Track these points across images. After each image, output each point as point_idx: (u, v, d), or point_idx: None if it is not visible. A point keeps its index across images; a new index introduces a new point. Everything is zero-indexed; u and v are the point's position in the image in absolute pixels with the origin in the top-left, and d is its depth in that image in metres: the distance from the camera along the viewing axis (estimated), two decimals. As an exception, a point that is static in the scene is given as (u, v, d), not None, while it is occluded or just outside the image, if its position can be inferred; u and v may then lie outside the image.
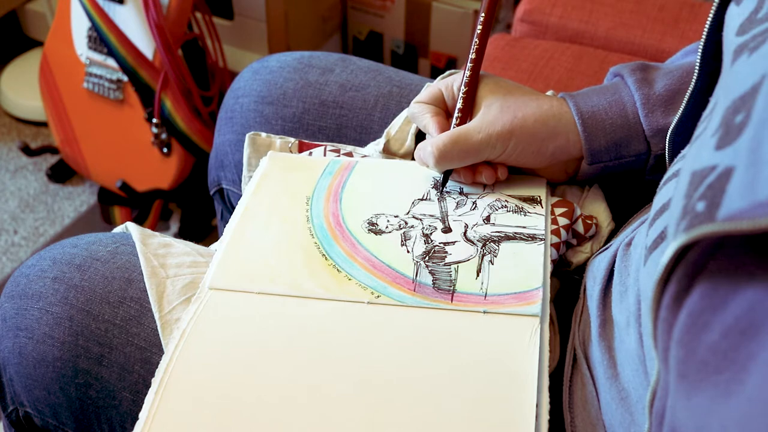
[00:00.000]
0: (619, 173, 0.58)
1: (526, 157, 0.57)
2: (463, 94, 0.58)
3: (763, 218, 0.28)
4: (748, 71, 0.37)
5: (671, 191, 0.43)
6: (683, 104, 0.50)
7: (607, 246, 0.54)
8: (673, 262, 0.33)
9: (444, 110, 0.60)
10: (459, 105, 0.58)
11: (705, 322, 0.31)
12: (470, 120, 0.58)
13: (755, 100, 0.34)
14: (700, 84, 0.49)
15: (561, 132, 0.56)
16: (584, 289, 0.53)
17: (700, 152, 0.36)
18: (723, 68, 0.43)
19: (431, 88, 0.61)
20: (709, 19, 0.47)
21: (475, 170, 0.59)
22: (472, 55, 0.59)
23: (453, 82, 0.60)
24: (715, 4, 0.46)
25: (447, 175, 0.59)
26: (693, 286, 0.33)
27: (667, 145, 0.53)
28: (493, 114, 0.56)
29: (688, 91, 0.50)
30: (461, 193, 0.59)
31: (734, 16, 0.43)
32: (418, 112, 0.60)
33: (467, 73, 0.59)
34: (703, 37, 0.48)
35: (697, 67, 0.49)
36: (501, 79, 0.60)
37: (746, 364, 0.29)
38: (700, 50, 0.48)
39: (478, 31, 0.60)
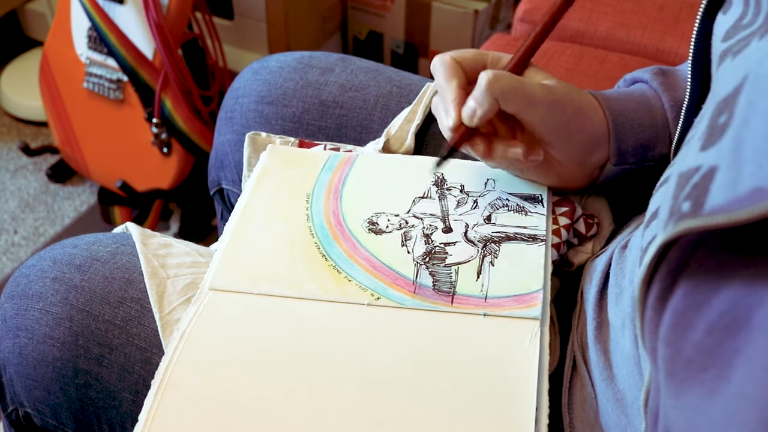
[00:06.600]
0: (623, 178, 0.58)
1: (571, 138, 0.53)
2: (518, 55, 0.54)
3: (737, 212, 0.28)
4: (731, 74, 0.37)
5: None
6: (681, 117, 0.50)
7: (604, 249, 0.54)
8: (656, 261, 0.34)
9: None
10: (512, 62, 0.54)
11: (689, 321, 0.32)
12: None
13: (737, 101, 0.34)
14: (695, 99, 0.49)
15: (605, 121, 0.54)
16: (581, 293, 0.53)
17: (687, 155, 0.37)
18: (712, 76, 0.43)
19: (480, 53, 0.55)
20: (695, 30, 0.47)
21: (497, 146, 0.54)
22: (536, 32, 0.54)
23: (503, 58, 0.55)
24: (698, 16, 0.47)
25: (451, 152, 0.54)
26: (676, 285, 0.33)
27: (671, 154, 0.53)
28: (552, 82, 0.53)
29: (684, 105, 0.50)
30: (462, 190, 0.59)
31: (721, 24, 0.44)
32: (447, 70, 0.53)
33: (529, 41, 0.54)
34: (691, 49, 0.48)
35: (689, 79, 0.49)
36: None
37: (731, 360, 0.29)
38: (690, 62, 0.48)
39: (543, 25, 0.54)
